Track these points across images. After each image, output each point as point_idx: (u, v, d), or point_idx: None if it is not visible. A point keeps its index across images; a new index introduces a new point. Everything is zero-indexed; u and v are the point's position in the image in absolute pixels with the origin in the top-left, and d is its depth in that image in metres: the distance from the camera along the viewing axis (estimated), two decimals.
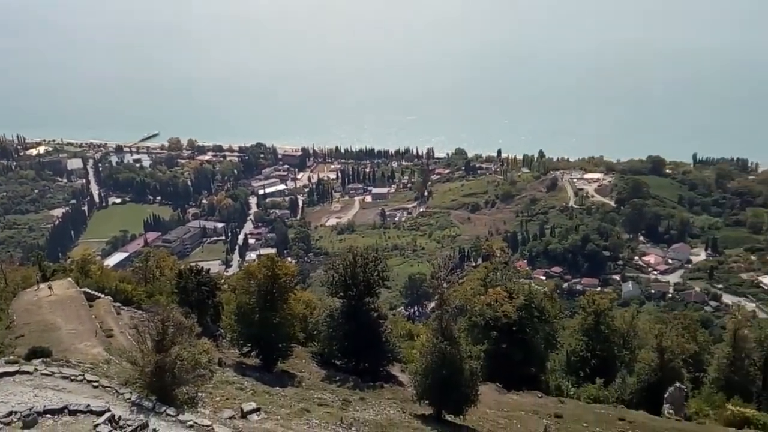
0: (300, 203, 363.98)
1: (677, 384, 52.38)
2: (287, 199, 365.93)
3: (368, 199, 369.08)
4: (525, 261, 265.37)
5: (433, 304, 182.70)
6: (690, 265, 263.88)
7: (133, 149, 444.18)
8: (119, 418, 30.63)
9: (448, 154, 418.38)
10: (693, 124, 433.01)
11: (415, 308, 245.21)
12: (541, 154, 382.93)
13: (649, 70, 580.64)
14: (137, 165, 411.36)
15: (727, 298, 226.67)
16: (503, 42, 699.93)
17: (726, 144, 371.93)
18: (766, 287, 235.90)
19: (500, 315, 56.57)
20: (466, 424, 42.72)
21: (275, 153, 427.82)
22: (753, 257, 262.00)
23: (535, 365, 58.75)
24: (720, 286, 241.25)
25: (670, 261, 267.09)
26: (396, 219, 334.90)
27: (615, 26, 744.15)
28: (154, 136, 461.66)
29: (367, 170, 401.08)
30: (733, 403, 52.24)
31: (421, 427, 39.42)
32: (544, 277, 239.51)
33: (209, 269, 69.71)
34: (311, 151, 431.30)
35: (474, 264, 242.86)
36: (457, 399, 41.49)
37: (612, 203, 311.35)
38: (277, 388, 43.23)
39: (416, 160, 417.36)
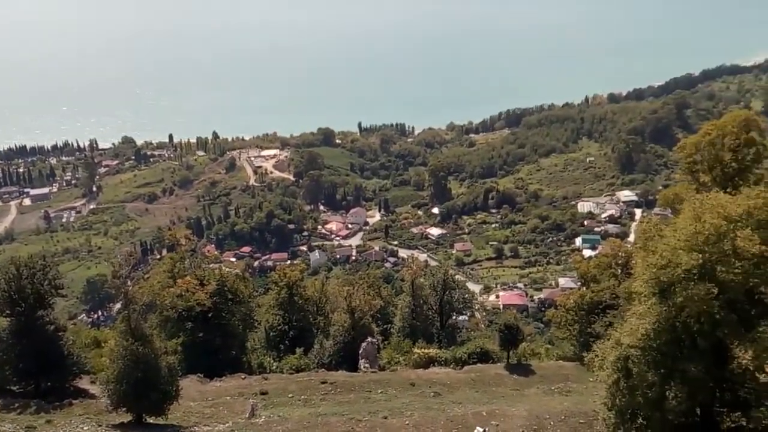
0: None
1: (369, 339, 55.94)
2: None
3: (27, 202, 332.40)
4: (213, 245, 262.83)
5: (118, 305, 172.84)
6: (368, 227, 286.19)
7: None
8: None
9: (114, 144, 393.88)
10: (355, 96, 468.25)
11: (100, 313, 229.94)
12: (216, 136, 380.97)
13: (307, 49, 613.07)
14: None
15: (403, 252, 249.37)
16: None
17: (385, 111, 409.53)
18: (433, 238, 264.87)
19: (193, 304, 54.87)
20: (170, 423, 40.99)
21: None
22: (420, 212, 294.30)
23: (235, 348, 58.23)
24: (395, 242, 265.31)
25: (350, 226, 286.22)
26: (64, 220, 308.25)
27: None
28: None
29: (21, 170, 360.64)
30: (418, 346, 57.62)
31: None
32: (234, 259, 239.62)
33: None
34: None
35: (159, 256, 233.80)
36: (156, 399, 39.77)
37: (291, 177, 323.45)
38: None
39: (78, 153, 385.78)
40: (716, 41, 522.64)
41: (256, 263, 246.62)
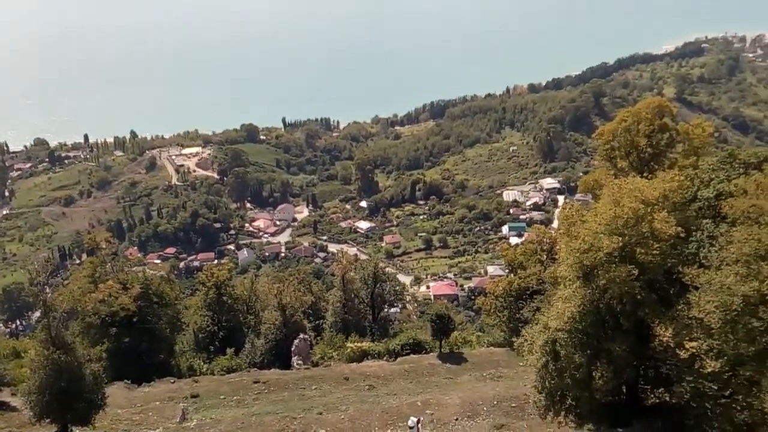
0: None
1: (301, 335, 55.66)
2: None
3: None
4: (136, 248, 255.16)
5: (37, 314, 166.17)
6: (296, 223, 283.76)
7: None
8: None
9: (26, 146, 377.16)
10: (278, 91, 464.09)
11: (18, 322, 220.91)
12: (134, 135, 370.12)
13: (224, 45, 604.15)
14: None
15: (333, 247, 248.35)
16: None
17: (309, 106, 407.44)
18: (362, 231, 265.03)
19: (117, 309, 53.65)
20: None
21: None
22: (348, 206, 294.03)
23: (163, 352, 57.15)
24: (324, 237, 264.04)
25: (278, 222, 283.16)
26: None
27: None
28: None
29: None
30: (351, 340, 57.64)
31: None
32: (158, 261, 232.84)
33: None
34: None
35: (78, 261, 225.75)
36: (82, 409, 38.66)
37: (215, 175, 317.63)
38: None
39: None
40: (629, 30, 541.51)
41: (181, 264, 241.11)
